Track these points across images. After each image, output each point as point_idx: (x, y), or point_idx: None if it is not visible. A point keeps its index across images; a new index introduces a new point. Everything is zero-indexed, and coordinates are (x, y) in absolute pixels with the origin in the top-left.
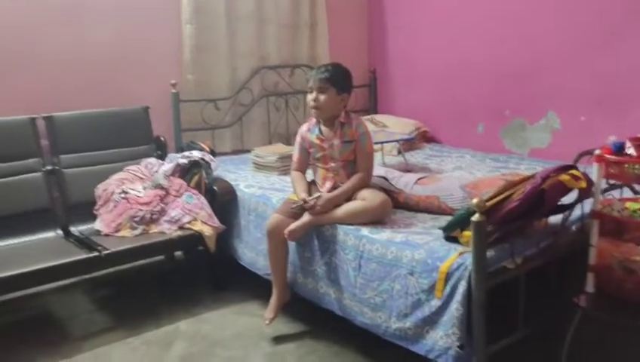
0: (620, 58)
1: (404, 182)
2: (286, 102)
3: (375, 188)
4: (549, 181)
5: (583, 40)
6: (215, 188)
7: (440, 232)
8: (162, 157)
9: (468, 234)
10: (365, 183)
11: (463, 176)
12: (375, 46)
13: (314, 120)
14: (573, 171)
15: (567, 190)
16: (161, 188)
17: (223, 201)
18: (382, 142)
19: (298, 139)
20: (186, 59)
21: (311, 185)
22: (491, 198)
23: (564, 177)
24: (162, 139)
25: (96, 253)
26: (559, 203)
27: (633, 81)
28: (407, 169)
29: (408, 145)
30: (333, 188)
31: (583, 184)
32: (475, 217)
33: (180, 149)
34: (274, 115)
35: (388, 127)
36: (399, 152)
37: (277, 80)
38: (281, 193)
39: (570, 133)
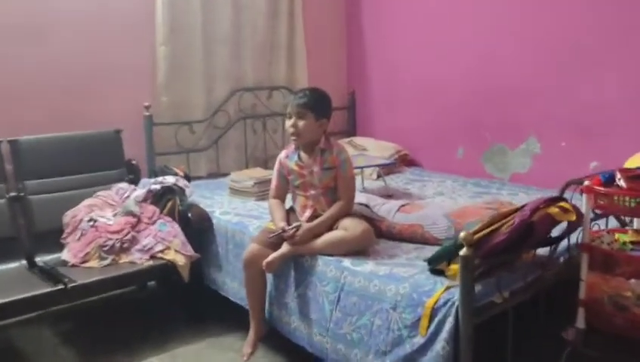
0: (600, 86)
1: (387, 210)
2: (263, 124)
3: (357, 216)
4: (537, 213)
5: (563, 67)
6: (189, 215)
7: (425, 264)
8: (134, 182)
9: (455, 267)
10: (346, 211)
11: (446, 203)
12: (354, 67)
13: (293, 146)
14: (563, 203)
15: (556, 222)
16: (133, 215)
17: (198, 229)
18: (361, 167)
19: (277, 166)
20: (160, 80)
21: (290, 214)
22: (479, 231)
23: (554, 210)
24: (134, 163)
25: (61, 286)
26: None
27: (613, 108)
28: (388, 194)
29: (388, 169)
30: (313, 216)
31: (573, 217)
32: (463, 251)
33: (152, 174)
34: (251, 138)
35: (367, 151)
36: (379, 176)
37: (254, 102)
38: (259, 220)
39: (551, 158)
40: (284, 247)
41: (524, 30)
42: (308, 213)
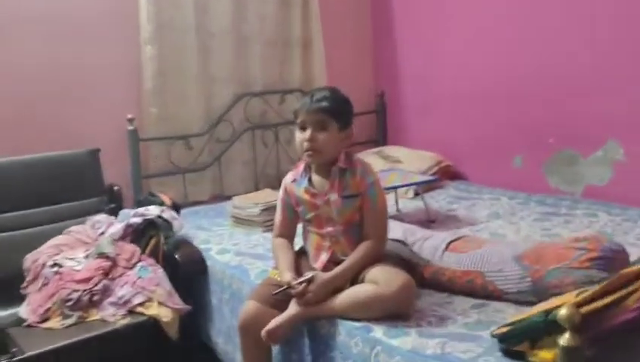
0: None
1: (431, 248)
2: (276, 135)
3: (391, 262)
4: None
5: None
6: (177, 256)
7: (494, 341)
8: (117, 211)
9: (547, 356)
10: (377, 255)
11: (514, 242)
12: (382, 64)
13: (302, 167)
14: None
15: None
16: (106, 257)
17: (188, 274)
18: (395, 188)
19: (281, 193)
20: (147, 87)
21: (300, 258)
22: (587, 300)
23: None
24: (117, 188)
25: (6, 360)
26: None
27: None
28: (429, 220)
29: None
30: (332, 262)
31: None
32: (567, 339)
33: (138, 202)
34: (261, 152)
35: (401, 163)
36: (416, 194)
37: (264, 109)
38: (264, 262)
39: (637, 166)
40: (293, 308)
41: (595, 10)
42: (324, 257)
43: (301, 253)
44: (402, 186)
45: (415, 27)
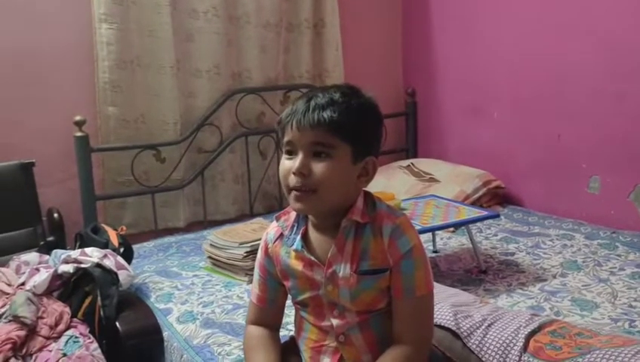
0: None
1: (499, 344)
2: (276, 143)
3: None
4: None
5: None
6: (119, 325)
7: None
8: (57, 245)
9: None
10: None
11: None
12: (414, 56)
13: (291, 218)
14: None
15: None
16: (22, 323)
17: (134, 351)
18: (435, 229)
19: (259, 257)
20: (102, 80)
21: (291, 358)
22: None
23: None
24: (56, 216)
25: None
26: None
27: None
28: (478, 268)
29: None
30: None
31: None
32: None
33: (79, 237)
34: (257, 165)
35: (437, 182)
36: (457, 228)
37: (261, 110)
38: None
39: None
40: None
41: None
42: None
43: (291, 348)
44: (446, 227)
45: (456, 10)
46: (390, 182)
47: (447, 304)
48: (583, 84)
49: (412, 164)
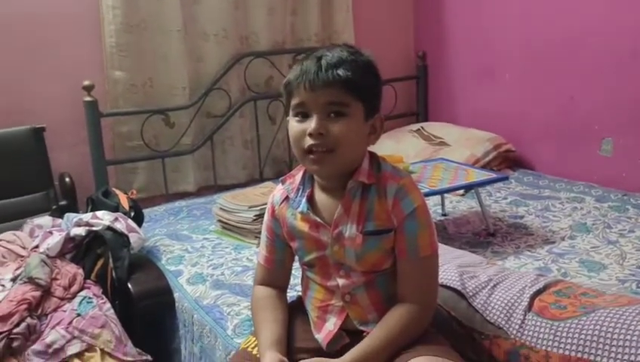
0: None
1: (504, 304)
2: (285, 106)
3: (443, 341)
4: None
5: None
6: (131, 286)
7: None
8: (69, 209)
9: None
10: (420, 329)
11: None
12: (425, 18)
13: (298, 177)
14: None
15: None
16: (36, 284)
17: (146, 311)
18: (444, 192)
19: (266, 218)
20: (109, 44)
21: (296, 318)
22: None
23: None
24: (68, 180)
25: None
26: None
27: None
28: (487, 231)
29: None
30: (345, 330)
31: None
32: None
33: (91, 201)
34: (267, 130)
35: (448, 146)
36: (466, 191)
37: (269, 74)
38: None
39: None
40: None
41: None
42: (332, 324)
43: (295, 312)
44: (454, 190)
45: None
46: (399, 146)
47: (454, 265)
48: (596, 43)
49: (422, 127)
